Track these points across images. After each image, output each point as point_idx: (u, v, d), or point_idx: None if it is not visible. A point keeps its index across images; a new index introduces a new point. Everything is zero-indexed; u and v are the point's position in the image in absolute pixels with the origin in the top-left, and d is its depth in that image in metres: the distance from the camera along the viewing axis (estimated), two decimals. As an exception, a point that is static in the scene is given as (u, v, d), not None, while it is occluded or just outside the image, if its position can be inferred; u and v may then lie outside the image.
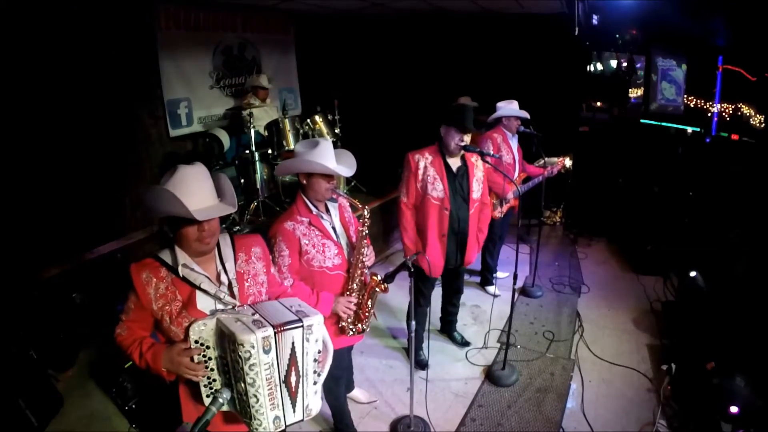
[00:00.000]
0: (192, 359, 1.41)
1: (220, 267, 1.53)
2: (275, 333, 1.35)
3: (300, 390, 1.46)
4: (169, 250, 1.49)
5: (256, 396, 1.35)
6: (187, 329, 1.41)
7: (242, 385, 1.35)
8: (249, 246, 1.65)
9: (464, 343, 3.49)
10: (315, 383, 1.51)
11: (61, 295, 3.03)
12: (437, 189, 2.73)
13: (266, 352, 1.33)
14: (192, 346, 1.41)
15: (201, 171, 1.47)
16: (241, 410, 1.43)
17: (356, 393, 2.95)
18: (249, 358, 1.31)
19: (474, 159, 2.84)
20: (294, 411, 1.47)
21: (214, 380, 1.45)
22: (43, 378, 2.87)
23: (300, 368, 1.45)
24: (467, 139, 2.68)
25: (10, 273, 3.09)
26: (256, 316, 1.40)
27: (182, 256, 1.46)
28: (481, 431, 2.70)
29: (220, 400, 1.35)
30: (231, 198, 1.52)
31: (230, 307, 1.48)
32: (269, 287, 1.68)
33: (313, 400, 1.52)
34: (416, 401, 2.65)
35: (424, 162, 2.73)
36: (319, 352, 1.51)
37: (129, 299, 1.49)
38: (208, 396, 1.45)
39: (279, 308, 1.49)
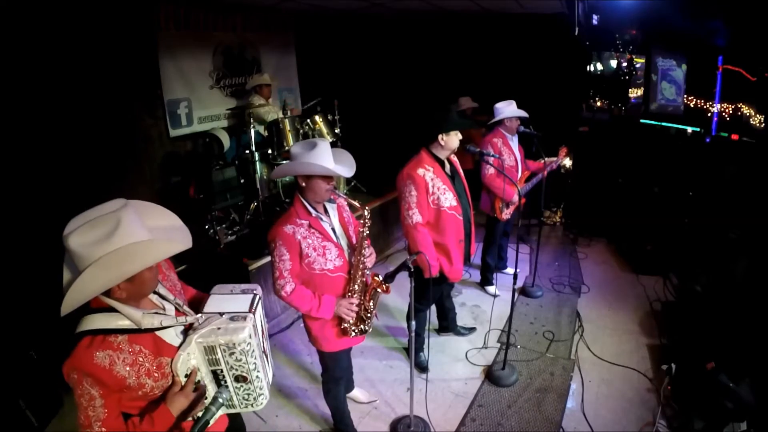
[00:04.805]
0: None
1: (154, 296, 1.40)
2: (252, 315, 1.42)
3: (268, 349, 1.62)
4: (101, 314, 1.26)
5: (258, 376, 1.43)
6: (172, 370, 1.33)
7: (247, 375, 1.39)
8: None
9: (471, 329, 3.63)
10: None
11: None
12: (449, 198, 2.67)
13: (255, 334, 1.42)
14: (183, 381, 1.35)
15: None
16: (240, 402, 1.47)
17: (356, 393, 2.95)
18: (248, 349, 1.35)
19: (453, 156, 2.84)
20: (270, 369, 1.61)
21: (205, 398, 1.42)
22: (43, 378, 2.87)
23: (264, 330, 1.59)
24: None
25: (10, 274, 3.10)
26: (226, 316, 1.40)
27: (133, 309, 1.28)
28: (481, 431, 2.70)
29: (220, 400, 1.35)
30: (174, 224, 1.38)
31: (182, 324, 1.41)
32: (184, 291, 1.63)
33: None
34: (416, 401, 2.64)
35: (430, 175, 2.64)
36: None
37: (91, 402, 1.23)
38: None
39: (226, 297, 1.52)
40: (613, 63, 5.61)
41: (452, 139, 2.65)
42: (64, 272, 1.24)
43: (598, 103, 5.82)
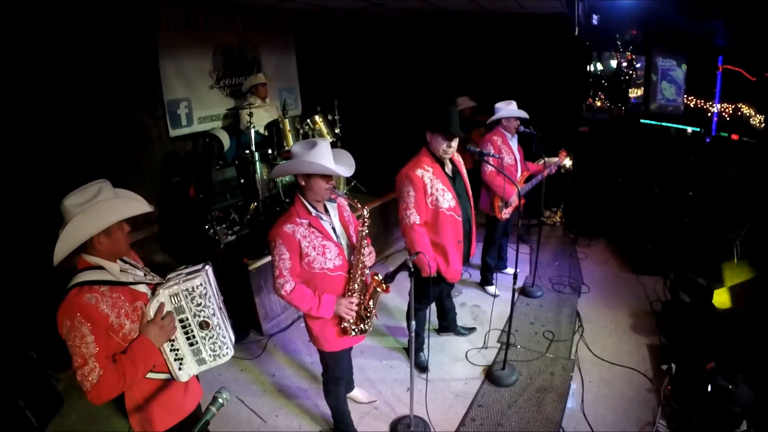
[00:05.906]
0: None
1: (127, 265, 1.70)
2: (206, 271, 1.69)
3: (224, 310, 1.81)
4: (87, 272, 1.53)
5: (219, 324, 1.70)
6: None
7: (208, 320, 1.66)
8: None
9: (471, 329, 3.63)
10: None
11: (60, 296, 3.03)
12: (447, 199, 2.64)
13: (210, 284, 1.68)
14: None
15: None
16: (209, 356, 1.71)
17: (356, 393, 2.95)
18: (206, 293, 1.65)
19: (457, 155, 2.80)
20: (230, 328, 1.79)
21: (177, 349, 1.67)
22: (43, 378, 2.87)
23: (218, 293, 1.79)
24: (455, 144, 2.61)
25: (10, 274, 3.10)
26: (183, 275, 1.67)
27: (112, 264, 1.59)
28: (481, 431, 2.71)
29: (220, 401, 1.35)
30: (129, 193, 1.70)
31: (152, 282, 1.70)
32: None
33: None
34: (416, 401, 2.65)
35: (429, 175, 2.61)
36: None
37: (84, 340, 1.43)
38: (176, 360, 1.67)
39: (182, 270, 1.75)
40: (613, 63, 5.61)
41: (436, 139, 2.59)
42: (59, 234, 1.51)
43: (598, 103, 5.82)
